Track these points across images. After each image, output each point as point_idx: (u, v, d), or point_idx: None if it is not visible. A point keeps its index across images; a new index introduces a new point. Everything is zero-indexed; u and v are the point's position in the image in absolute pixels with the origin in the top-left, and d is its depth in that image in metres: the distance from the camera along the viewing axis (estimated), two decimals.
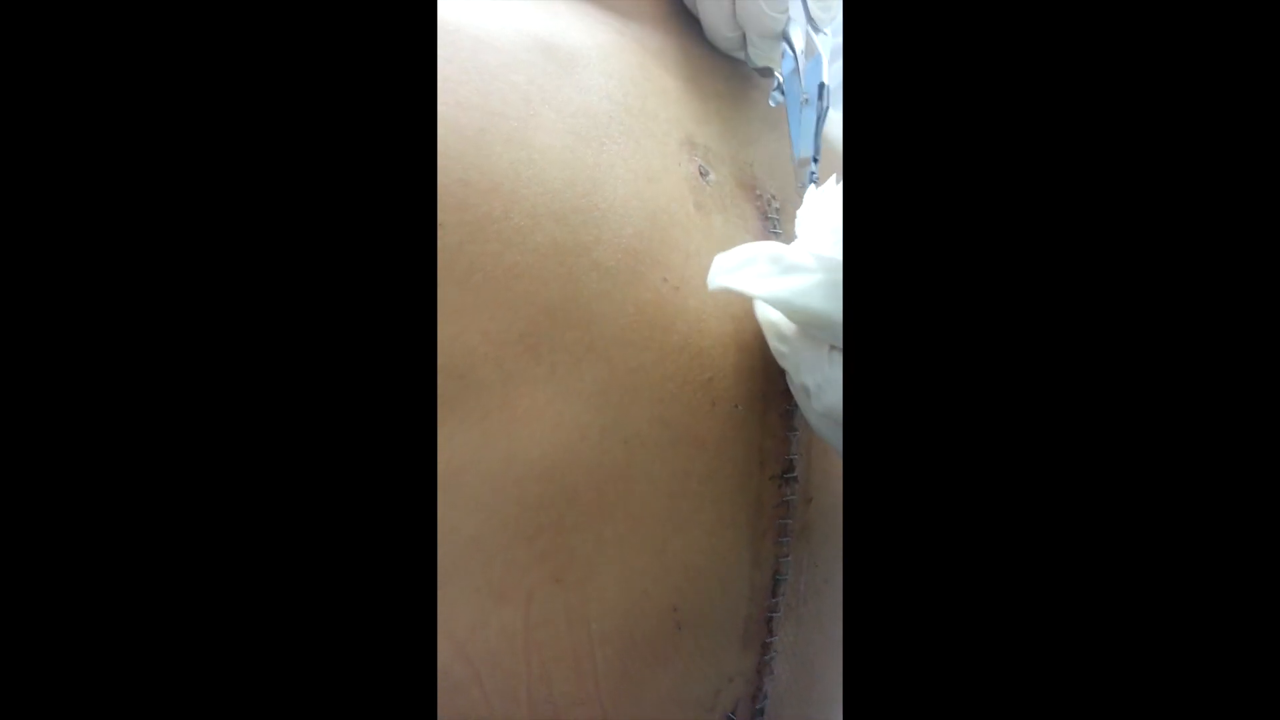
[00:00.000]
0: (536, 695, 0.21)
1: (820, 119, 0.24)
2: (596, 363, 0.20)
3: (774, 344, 0.21)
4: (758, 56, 0.28)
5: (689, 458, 0.22)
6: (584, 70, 0.23)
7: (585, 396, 0.20)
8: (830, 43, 0.26)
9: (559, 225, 0.20)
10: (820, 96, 0.24)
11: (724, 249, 0.23)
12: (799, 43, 0.26)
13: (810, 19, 0.26)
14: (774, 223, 0.24)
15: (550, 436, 0.20)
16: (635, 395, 0.21)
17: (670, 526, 0.22)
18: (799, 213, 0.22)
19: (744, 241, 0.24)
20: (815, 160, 0.24)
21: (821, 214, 0.21)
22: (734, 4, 0.27)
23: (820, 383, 0.20)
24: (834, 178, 0.22)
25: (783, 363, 0.21)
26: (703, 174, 0.24)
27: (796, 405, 0.24)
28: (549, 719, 0.21)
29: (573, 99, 0.22)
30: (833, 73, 0.25)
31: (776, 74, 0.27)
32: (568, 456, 0.20)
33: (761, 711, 0.25)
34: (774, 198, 0.25)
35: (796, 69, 0.25)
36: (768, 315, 0.22)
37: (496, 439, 0.20)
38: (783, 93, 0.26)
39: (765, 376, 0.23)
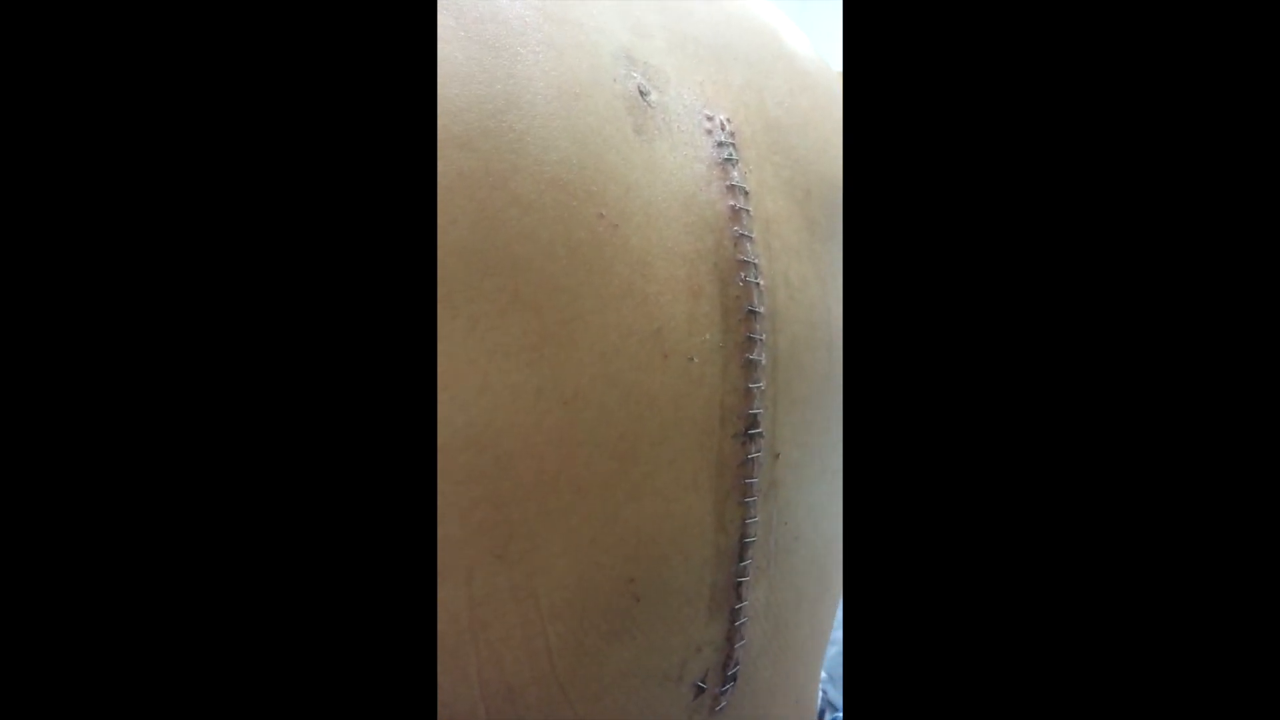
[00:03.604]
0: (488, 675, 0.20)
1: None
2: (524, 313, 0.18)
3: None
4: None
5: (639, 418, 0.20)
6: None
7: (514, 353, 0.18)
8: None
9: (465, 152, 0.18)
10: None
11: (671, 180, 0.21)
12: None
13: None
14: (728, 149, 0.22)
15: (477, 400, 0.18)
16: (572, 350, 0.19)
17: (621, 494, 0.20)
18: None
19: (694, 172, 0.21)
20: None
21: None
22: None
23: None
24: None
25: None
26: (642, 93, 0.21)
27: (760, 355, 0.21)
28: (502, 698, 0.20)
29: (478, 3, 0.19)
30: None
31: None
32: (499, 422, 0.18)
33: (734, 677, 0.23)
34: (727, 121, 0.22)
35: None
36: None
37: None
38: None
39: (723, 325, 0.21)
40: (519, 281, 0.18)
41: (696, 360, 0.20)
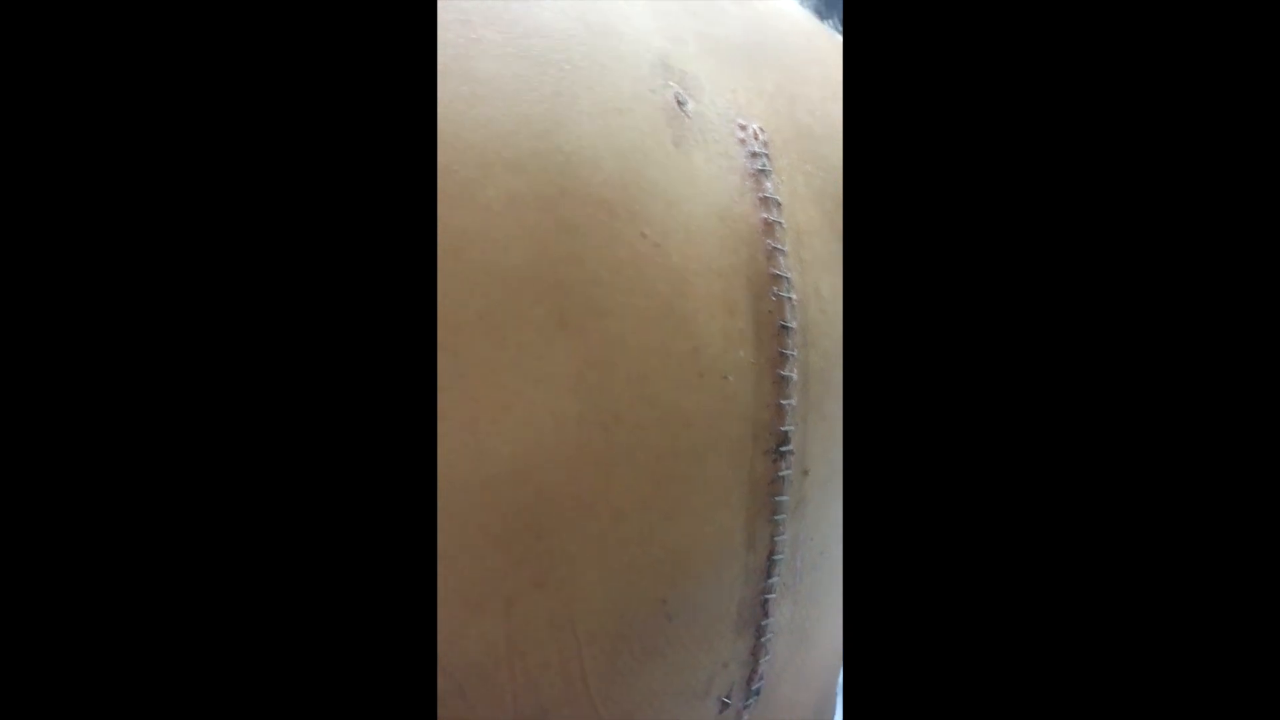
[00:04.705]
0: (523, 701, 0.19)
1: None
2: (570, 340, 0.17)
3: None
4: None
5: (675, 438, 0.19)
6: None
7: (558, 380, 0.17)
8: None
9: (515, 175, 0.17)
10: None
11: (708, 193, 0.20)
12: None
13: None
14: (761, 159, 0.21)
15: (521, 432, 0.17)
16: (612, 373, 0.18)
17: (657, 514, 0.19)
18: None
19: (729, 184, 0.21)
20: None
21: None
22: None
23: None
24: None
25: None
26: (680, 103, 0.20)
27: (791, 371, 0.21)
28: (535, 718, 0.20)
29: (522, 18, 0.18)
30: None
31: None
32: (542, 452, 0.18)
33: (757, 691, 0.23)
34: (760, 130, 0.22)
35: None
36: None
37: (460, 441, 0.17)
38: None
39: (756, 341, 0.21)
40: (564, 307, 0.17)
41: (731, 378, 0.20)
